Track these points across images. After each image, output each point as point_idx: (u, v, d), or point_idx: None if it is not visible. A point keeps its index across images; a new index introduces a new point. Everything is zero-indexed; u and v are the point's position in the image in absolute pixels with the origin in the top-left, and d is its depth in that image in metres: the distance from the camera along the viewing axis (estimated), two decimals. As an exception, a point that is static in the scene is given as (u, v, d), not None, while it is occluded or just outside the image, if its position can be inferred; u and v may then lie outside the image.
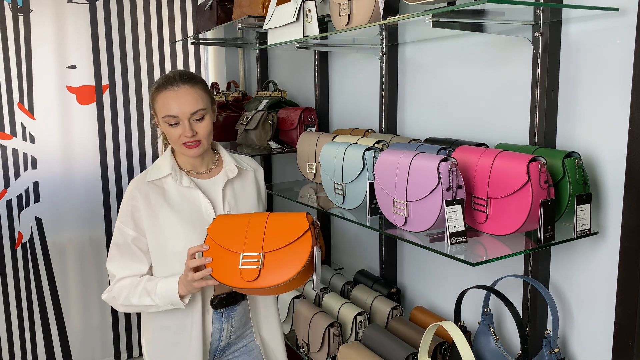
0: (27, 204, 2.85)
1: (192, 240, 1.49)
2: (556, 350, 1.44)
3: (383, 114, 2.09)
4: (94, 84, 2.90)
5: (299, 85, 2.79)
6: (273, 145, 2.42)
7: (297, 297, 2.19)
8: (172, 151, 1.61)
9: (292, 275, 1.30)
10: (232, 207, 1.57)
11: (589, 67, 1.41)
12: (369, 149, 1.68)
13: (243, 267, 1.32)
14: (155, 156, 3.08)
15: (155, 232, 1.51)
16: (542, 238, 1.29)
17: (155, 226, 1.51)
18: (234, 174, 1.60)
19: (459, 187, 1.35)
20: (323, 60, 2.50)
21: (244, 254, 1.34)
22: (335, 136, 1.96)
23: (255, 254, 1.33)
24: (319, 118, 2.47)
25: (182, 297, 1.46)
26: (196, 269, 1.39)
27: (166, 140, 1.66)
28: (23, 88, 2.77)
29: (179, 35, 3.07)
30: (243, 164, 1.66)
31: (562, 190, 1.37)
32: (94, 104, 2.91)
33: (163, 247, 1.51)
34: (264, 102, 2.63)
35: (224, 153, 1.65)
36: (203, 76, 3.08)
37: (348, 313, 1.97)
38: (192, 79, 1.49)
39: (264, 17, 2.16)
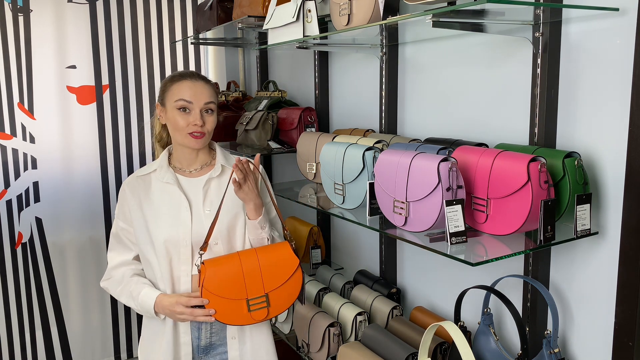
0: (27, 204, 2.85)
1: (170, 234, 1.55)
2: (556, 350, 1.44)
3: (383, 114, 2.09)
4: (94, 84, 2.90)
5: (299, 85, 2.79)
6: (273, 145, 2.42)
7: (297, 297, 2.19)
8: (169, 152, 1.67)
9: (292, 303, 1.56)
10: (213, 206, 1.58)
11: (589, 67, 1.41)
12: (369, 149, 1.68)
13: (253, 310, 1.50)
14: (154, 156, 3.07)
15: (138, 224, 1.59)
16: (542, 238, 1.29)
17: (139, 219, 1.59)
18: (217, 172, 1.63)
19: (459, 187, 1.35)
20: (323, 60, 2.50)
21: (250, 298, 1.50)
22: (335, 136, 1.96)
23: (260, 296, 1.51)
24: (319, 118, 2.47)
25: (157, 314, 1.56)
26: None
27: (160, 141, 1.72)
28: (23, 88, 2.76)
29: (179, 35, 3.07)
30: (231, 162, 1.66)
31: (562, 190, 1.37)
32: (94, 104, 2.91)
33: (144, 239, 1.59)
34: (264, 102, 2.63)
35: (219, 153, 1.67)
36: (203, 76, 3.09)
37: (348, 313, 1.97)
38: (206, 79, 1.62)
39: (264, 17, 2.16)
